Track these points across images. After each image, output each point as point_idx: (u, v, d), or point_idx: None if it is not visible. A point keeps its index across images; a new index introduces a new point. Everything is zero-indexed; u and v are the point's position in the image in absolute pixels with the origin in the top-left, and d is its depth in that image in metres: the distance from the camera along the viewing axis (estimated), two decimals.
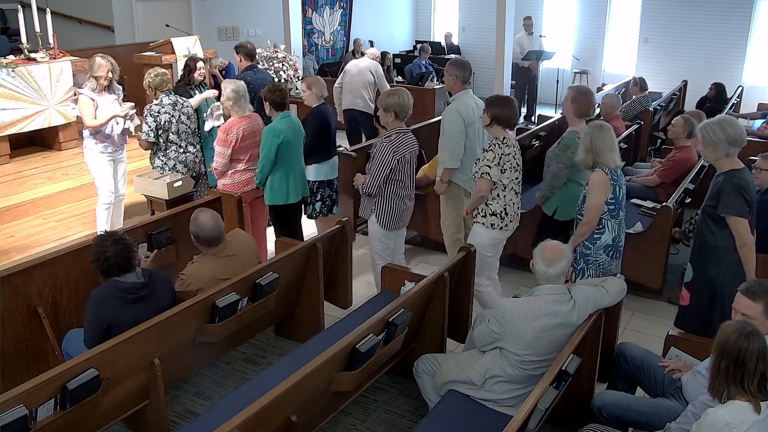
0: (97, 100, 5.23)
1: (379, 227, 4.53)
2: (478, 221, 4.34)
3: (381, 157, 4.36)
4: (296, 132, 5.01)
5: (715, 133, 3.52)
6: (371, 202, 4.52)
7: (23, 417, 2.60)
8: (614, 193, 3.92)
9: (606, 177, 3.90)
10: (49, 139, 7.30)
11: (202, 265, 3.75)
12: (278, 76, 8.59)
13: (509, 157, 4.19)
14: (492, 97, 4.35)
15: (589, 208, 3.93)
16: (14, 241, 5.61)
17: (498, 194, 4.24)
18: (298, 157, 5.05)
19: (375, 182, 4.39)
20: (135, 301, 3.30)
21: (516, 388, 3.20)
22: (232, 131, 4.88)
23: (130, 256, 3.31)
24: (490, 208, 4.27)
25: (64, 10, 9.66)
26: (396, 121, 4.41)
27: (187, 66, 6.04)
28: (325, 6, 12.66)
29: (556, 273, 3.21)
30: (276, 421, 2.69)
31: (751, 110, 9.98)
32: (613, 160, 3.91)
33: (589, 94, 4.69)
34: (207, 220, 3.69)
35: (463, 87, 4.91)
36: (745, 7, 11.00)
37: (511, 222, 4.32)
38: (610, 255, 3.98)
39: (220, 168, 4.95)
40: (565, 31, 12.80)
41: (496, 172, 4.16)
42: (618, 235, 4.00)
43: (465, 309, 4.09)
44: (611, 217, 3.95)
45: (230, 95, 4.92)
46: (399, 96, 4.39)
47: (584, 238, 3.97)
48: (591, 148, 3.90)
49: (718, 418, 2.43)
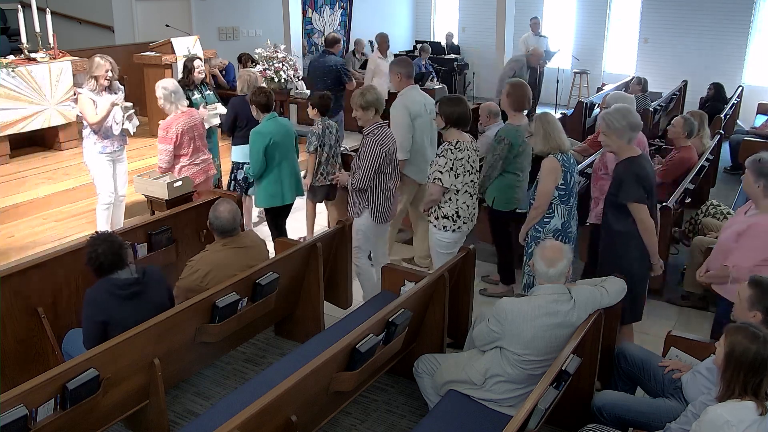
0: (97, 100, 5.22)
1: (372, 222, 4.57)
2: (432, 222, 4.41)
3: (368, 152, 4.41)
4: (285, 132, 5.04)
5: (618, 121, 3.69)
6: (363, 198, 4.54)
7: (23, 417, 2.59)
8: (565, 180, 4.06)
9: (557, 163, 4.03)
10: (49, 139, 7.30)
11: (211, 252, 3.81)
12: (278, 76, 8.61)
13: (462, 162, 4.19)
14: (442, 98, 4.40)
15: (539, 192, 4.09)
16: (14, 241, 5.60)
17: (450, 198, 4.25)
18: (289, 157, 5.09)
19: (366, 176, 4.43)
20: (129, 297, 3.30)
21: (516, 388, 3.20)
22: (172, 127, 5.11)
23: (121, 253, 3.32)
24: (442, 211, 4.29)
25: (64, 10, 9.66)
26: (376, 116, 4.50)
27: (185, 67, 6.05)
28: (325, 6, 12.65)
29: (557, 273, 3.21)
30: (276, 421, 2.69)
31: (751, 110, 10.01)
32: (563, 141, 4.06)
33: (524, 87, 4.92)
34: (224, 210, 3.76)
35: (409, 82, 5.26)
36: (745, 7, 10.99)
37: (465, 224, 4.34)
38: (559, 239, 4.06)
39: (164, 165, 5.17)
40: (565, 31, 12.80)
41: (448, 177, 4.17)
42: (568, 221, 4.14)
43: (465, 309, 4.09)
44: (561, 203, 4.09)
45: (161, 93, 5.15)
46: (375, 92, 4.51)
47: (535, 221, 4.14)
48: (546, 135, 4.05)
49: (717, 416, 2.43)
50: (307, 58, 11.62)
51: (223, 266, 3.73)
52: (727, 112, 8.63)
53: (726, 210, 5.40)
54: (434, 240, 4.42)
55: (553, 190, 4.05)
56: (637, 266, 3.76)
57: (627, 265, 3.72)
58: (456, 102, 4.24)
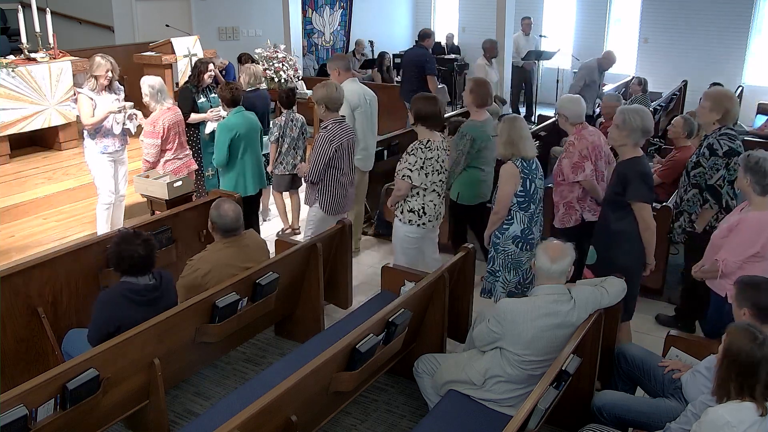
0: (97, 99, 5.23)
1: (321, 212, 4.71)
2: (397, 215, 4.45)
3: (318, 147, 4.53)
4: (250, 126, 5.22)
5: (635, 120, 3.71)
6: (314, 190, 4.69)
7: (23, 417, 2.59)
8: (524, 187, 4.06)
9: (516, 170, 4.04)
10: (49, 139, 7.29)
11: (212, 252, 3.82)
12: (278, 76, 8.61)
13: (432, 161, 4.24)
14: (417, 95, 4.42)
15: (498, 198, 4.14)
16: (14, 241, 5.61)
17: (417, 193, 4.30)
18: (253, 150, 5.27)
19: (316, 170, 4.56)
20: (146, 303, 3.30)
21: (516, 388, 3.20)
22: (159, 122, 5.21)
23: (153, 257, 3.33)
24: (409, 205, 4.34)
25: (64, 10, 9.65)
26: (329, 113, 4.58)
27: (196, 68, 6.00)
28: (325, 6, 12.65)
29: (559, 270, 3.21)
30: (276, 421, 2.69)
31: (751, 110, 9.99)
32: (526, 148, 4.07)
33: (486, 85, 5.00)
34: (229, 209, 3.77)
35: (348, 75, 5.44)
36: (745, 7, 10.98)
37: (430, 221, 4.38)
38: (519, 246, 4.12)
39: (151, 159, 5.26)
40: (565, 31, 12.79)
41: (418, 176, 4.21)
42: (528, 227, 4.13)
43: (465, 309, 4.09)
44: (520, 209, 4.10)
45: (147, 91, 5.26)
46: (327, 89, 4.57)
47: (495, 227, 4.18)
48: (509, 140, 4.07)
49: (718, 417, 2.43)
50: (308, 58, 11.63)
51: (224, 265, 3.73)
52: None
53: None
54: (399, 234, 4.47)
55: (512, 196, 4.06)
56: (632, 265, 3.77)
57: (622, 263, 3.73)
58: (427, 100, 4.31)
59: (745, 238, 3.57)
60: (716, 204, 4.22)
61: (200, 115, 5.83)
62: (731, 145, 4.15)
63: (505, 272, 4.18)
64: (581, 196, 4.47)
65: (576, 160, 4.39)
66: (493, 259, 4.22)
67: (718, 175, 4.18)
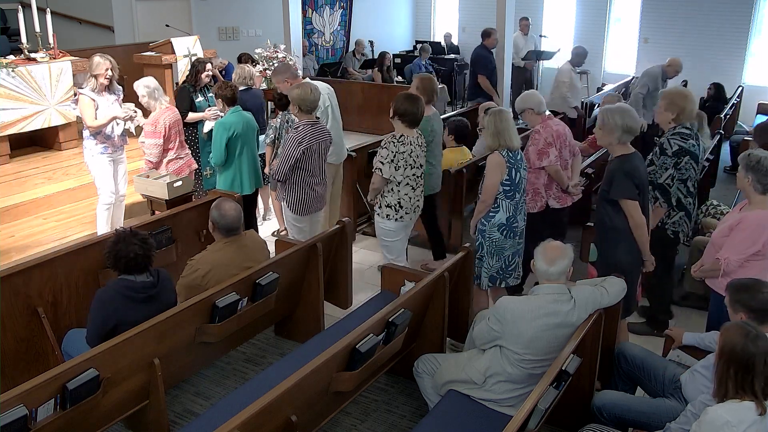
0: (98, 100, 5.23)
1: (290, 212, 4.75)
2: (377, 211, 4.59)
3: (287, 149, 4.55)
4: (247, 125, 5.23)
5: (614, 119, 3.74)
6: (282, 189, 4.75)
7: (23, 417, 2.59)
8: (510, 176, 4.19)
9: (502, 159, 4.16)
10: (49, 139, 7.29)
11: (212, 252, 3.82)
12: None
13: (405, 155, 4.36)
14: (400, 93, 4.51)
15: (485, 187, 4.24)
16: (14, 241, 5.61)
17: (392, 188, 4.45)
18: (250, 149, 5.28)
19: (281, 171, 4.59)
20: (144, 301, 3.30)
21: (516, 387, 3.20)
22: (159, 121, 5.24)
23: (151, 256, 3.33)
24: (386, 200, 4.50)
25: (64, 10, 9.66)
26: (302, 114, 4.59)
27: (194, 67, 6.02)
28: (325, 6, 12.66)
29: (558, 271, 3.21)
30: (276, 421, 2.69)
31: (751, 110, 9.99)
32: (512, 139, 4.18)
33: (431, 81, 5.19)
34: (230, 209, 3.77)
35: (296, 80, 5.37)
36: (745, 7, 10.99)
37: (407, 214, 4.53)
38: (503, 234, 4.25)
39: (154, 159, 5.28)
40: (565, 31, 12.79)
41: (389, 169, 4.34)
42: (513, 215, 4.26)
43: (465, 309, 4.09)
44: (506, 198, 4.22)
45: (144, 92, 5.28)
46: (302, 90, 4.57)
47: (481, 215, 4.30)
48: (496, 132, 4.17)
49: (717, 416, 2.43)
50: (308, 58, 11.63)
51: (224, 265, 3.73)
52: (727, 112, 8.62)
53: (726, 210, 5.39)
54: (378, 229, 4.63)
55: (498, 185, 4.18)
56: (627, 262, 3.79)
57: (618, 260, 3.76)
58: (407, 99, 4.40)
59: (746, 236, 3.58)
60: (665, 202, 4.26)
61: (198, 114, 5.84)
62: (682, 145, 4.18)
63: (489, 257, 4.31)
64: (547, 183, 4.80)
65: (541, 146, 4.69)
66: (481, 246, 4.33)
67: (667, 174, 4.22)
